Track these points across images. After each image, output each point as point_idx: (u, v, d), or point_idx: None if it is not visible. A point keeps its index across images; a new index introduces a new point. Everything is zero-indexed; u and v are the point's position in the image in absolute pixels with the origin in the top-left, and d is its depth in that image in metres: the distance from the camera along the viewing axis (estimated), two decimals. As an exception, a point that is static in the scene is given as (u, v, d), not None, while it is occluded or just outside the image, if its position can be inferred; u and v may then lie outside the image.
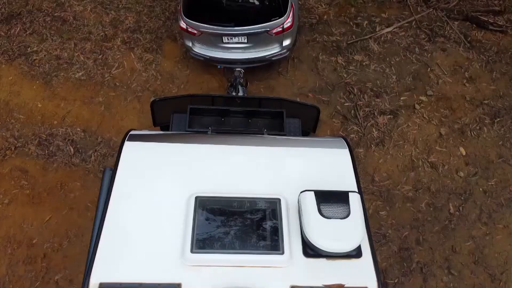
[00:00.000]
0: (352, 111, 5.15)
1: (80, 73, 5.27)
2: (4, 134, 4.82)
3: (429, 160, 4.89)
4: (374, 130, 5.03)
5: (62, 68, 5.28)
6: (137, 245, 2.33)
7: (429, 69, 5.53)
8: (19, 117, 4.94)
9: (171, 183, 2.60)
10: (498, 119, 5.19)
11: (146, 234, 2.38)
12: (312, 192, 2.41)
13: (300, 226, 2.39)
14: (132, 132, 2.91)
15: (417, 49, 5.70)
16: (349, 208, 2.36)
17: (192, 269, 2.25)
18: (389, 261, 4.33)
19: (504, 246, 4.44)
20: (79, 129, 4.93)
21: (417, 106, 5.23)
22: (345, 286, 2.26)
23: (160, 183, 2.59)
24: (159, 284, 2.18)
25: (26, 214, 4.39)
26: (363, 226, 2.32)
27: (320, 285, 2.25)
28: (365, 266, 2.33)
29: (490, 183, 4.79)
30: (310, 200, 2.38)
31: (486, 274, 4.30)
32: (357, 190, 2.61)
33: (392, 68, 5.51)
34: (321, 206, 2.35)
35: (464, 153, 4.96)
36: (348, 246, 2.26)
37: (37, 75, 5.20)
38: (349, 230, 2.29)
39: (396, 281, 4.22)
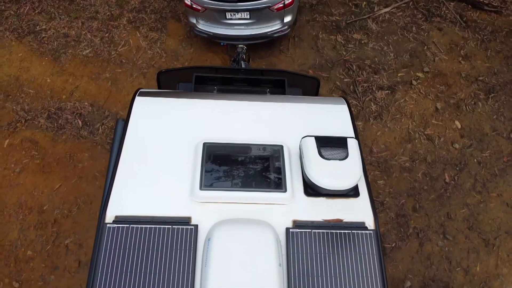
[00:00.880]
0: (351, 87, 5.27)
1: (88, 51, 5.39)
2: (14, 107, 4.94)
3: (426, 132, 5.01)
4: (372, 104, 5.15)
5: (70, 46, 5.40)
6: (149, 184, 2.45)
7: (425, 47, 5.65)
8: (29, 92, 5.05)
9: (180, 132, 2.72)
10: (493, 95, 5.31)
11: (158, 174, 2.49)
12: (313, 137, 2.53)
13: (302, 168, 2.52)
14: (141, 90, 3.03)
15: (414, 28, 5.82)
16: (347, 151, 2.48)
17: (201, 205, 2.37)
18: (387, 227, 4.45)
19: (497, 213, 4.56)
20: (86, 104, 5.05)
21: (414, 82, 5.35)
22: (344, 221, 2.38)
23: (169, 132, 2.71)
24: (170, 217, 2.31)
25: (36, 182, 4.51)
26: (360, 167, 2.44)
27: (320, 220, 2.37)
28: (362, 204, 2.45)
29: (484, 155, 4.91)
30: (311, 144, 2.50)
31: (480, 239, 4.42)
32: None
33: (390, 46, 5.63)
34: (321, 149, 2.47)
35: (459, 126, 5.08)
36: (346, 184, 2.37)
37: (46, 52, 5.32)
38: (347, 170, 2.41)
39: (393, 245, 4.35)
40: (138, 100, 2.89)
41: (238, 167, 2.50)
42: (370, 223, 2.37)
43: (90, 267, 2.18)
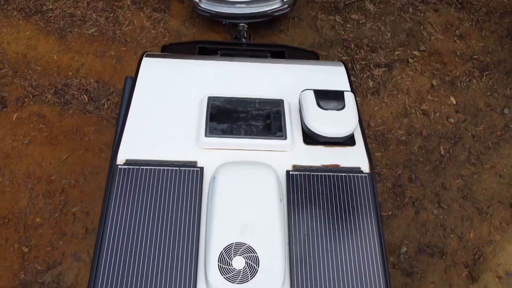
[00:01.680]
0: (349, 64, 5.39)
1: (93, 30, 5.51)
2: (22, 83, 5.06)
3: (421, 108, 5.13)
4: (370, 81, 5.28)
5: (76, 25, 5.52)
6: (158, 132, 2.58)
7: (422, 27, 5.77)
8: (36, 68, 5.17)
9: (186, 88, 2.84)
10: (487, 72, 5.43)
11: (166, 124, 2.62)
12: (312, 90, 2.66)
13: (301, 119, 2.64)
14: (148, 52, 3.15)
15: (410, 9, 5.93)
16: (344, 102, 2.61)
17: (206, 151, 2.50)
18: (384, 196, 4.57)
19: (490, 183, 4.68)
20: (92, 80, 5.17)
21: (410, 60, 5.47)
22: (341, 166, 2.51)
23: (176, 88, 2.83)
24: (178, 161, 2.43)
25: (44, 154, 4.63)
26: (356, 117, 2.56)
27: (318, 165, 2.50)
28: (358, 152, 2.58)
29: (478, 129, 5.03)
30: (310, 96, 2.63)
31: (474, 208, 4.55)
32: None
33: (387, 26, 5.75)
34: (319, 101, 2.60)
35: (454, 102, 5.21)
36: (343, 132, 2.50)
37: (53, 30, 5.44)
38: (344, 119, 2.53)
39: (390, 213, 4.47)
40: (146, 60, 3.01)
41: (241, 118, 2.62)
42: (365, 168, 2.50)
43: (102, 207, 2.31)
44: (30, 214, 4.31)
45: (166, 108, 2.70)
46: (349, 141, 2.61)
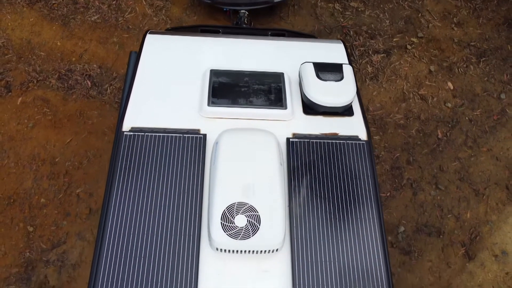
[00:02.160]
0: (348, 50, 5.45)
1: (96, 17, 5.57)
2: (27, 68, 5.12)
3: (419, 92, 5.20)
4: (368, 66, 5.34)
5: (79, 12, 5.58)
6: (162, 102, 2.64)
7: (420, 14, 5.83)
8: (40, 54, 5.23)
9: (189, 62, 2.90)
10: (484, 59, 5.50)
11: (169, 95, 2.68)
12: (311, 63, 2.73)
13: (301, 91, 2.71)
14: (151, 30, 3.21)
15: (409, -3, 6.02)
16: (342, 74, 2.67)
17: (209, 120, 2.56)
18: (382, 178, 4.64)
19: (487, 166, 4.75)
20: (95, 66, 5.23)
21: (408, 47, 5.53)
22: (339, 134, 2.57)
23: (179, 62, 2.90)
24: (181, 129, 2.50)
25: (48, 137, 4.70)
26: (354, 87, 2.63)
27: (318, 133, 2.56)
28: (356, 122, 2.64)
29: (475, 113, 5.10)
30: (309, 68, 2.69)
31: (471, 189, 4.61)
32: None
33: (386, 13, 5.81)
34: (318, 73, 2.66)
35: (451, 87, 5.27)
36: (341, 101, 2.56)
37: (56, 17, 5.50)
38: (342, 89, 2.60)
39: (388, 194, 4.54)
40: (149, 36, 3.08)
41: (242, 89, 2.69)
42: (363, 136, 2.56)
43: (108, 173, 2.37)
44: (34, 195, 4.38)
45: (170, 80, 2.76)
46: (347, 111, 2.68)
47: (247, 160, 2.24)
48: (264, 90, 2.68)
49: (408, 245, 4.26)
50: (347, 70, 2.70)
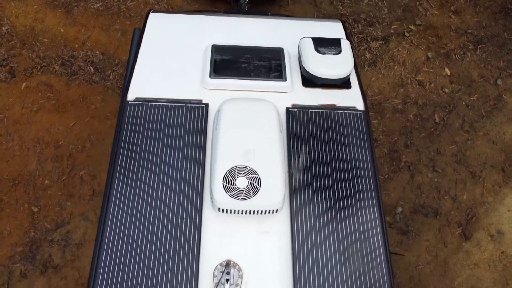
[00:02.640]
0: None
1: (98, 4, 5.63)
2: (30, 55, 5.18)
3: (417, 78, 5.26)
4: (367, 53, 5.40)
5: (82, 0, 5.65)
6: (165, 73, 2.70)
7: (417, 2, 5.89)
8: (44, 41, 5.30)
9: (191, 39, 2.97)
10: (481, 46, 5.56)
11: (172, 68, 2.75)
12: (310, 38, 2.79)
13: (300, 65, 2.78)
14: (154, 10, 3.28)
15: (407, -14, 6.08)
16: (340, 48, 2.74)
17: (211, 91, 2.63)
18: (380, 161, 4.70)
19: (484, 149, 4.81)
20: (98, 52, 5.29)
21: (406, 34, 5.59)
22: (337, 105, 2.64)
23: (182, 38, 2.96)
24: (184, 99, 2.56)
25: (52, 120, 4.76)
26: (352, 60, 2.69)
27: (316, 104, 2.63)
28: (354, 94, 2.70)
29: (472, 98, 5.16)
30: (308, 43, 2.76)
31: (467, 171, 4.68)
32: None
33: (384, 1, 5.87)
34: (317, 47, 2.73)
35: (449, 73, 5.33)
36: (339, 73, 2.63)
37: (59, 5, 5.56)
38: (340, 62, 2.66)
39: (386, 176, 4.60)
40: (152, 15, 3.14)
41: (243, 63, 2.75)
42: (360, 107, 2.63)
43: (113, 142, 2.44)
44: (39, 177, 4.44)
45: (173, 55, 2.82)
46: (344, 84, 2.74)
47: (248, 127, 2.31)
48: (264, 63, 2.74)
49: (406, 225, 4.33)
50: (345, 45, 2.77)
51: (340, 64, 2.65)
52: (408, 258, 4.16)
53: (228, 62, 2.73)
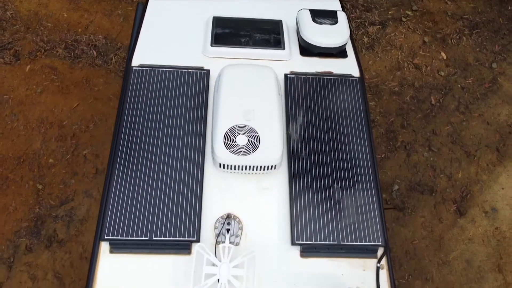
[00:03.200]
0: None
1: (101, -10, 5.72)
2: (34, 39, 5.26)
3: (414, 62, 5.34)
4: (364, 37, 5.48)
5: (85, -14, 5.74)
6: (168, 43, 2.78)
7: (414, -11, 5.98)
8: (47, 25, 5.37)
9: (193, 9, 3.04)
10: (476, 31, 5.63)
11: (175, 36, 2.82)
12: (308, 9, 2.87)
13: (298, 35, 2.86)
14: None
15: (404, -27, 6.15)
16: (337, 19, 2.82)
17: (212, 59, 2.71)
18: (377, 141, 4.78)
19: (478, 130, 4.89)
20: (100, 36, 5.37)
21: (403, 19, 5.67)
22: (334, 72, 2.71)
23: (184, 9, 3.04)
24: (186, 66, 2.64)
25: (56, 101, 4.84)
26: (348, 30, 2.77)
27: (313, 71, 2.71)
28: (350, 62, 2.78)
29: (467, 81, 5.24)
30: (306, 14, 2.83)
31: (462, 151, 4.75)
32: None
33: (381, -12, 5.96)
34: (314, 17, 2.81)
35: (445, 57, 5.41)
36: (336, 41, 2.70)
37: (62, -10, 5.66)
38: (336, 32, 2.74)
39: (383, 155, 4.68)
40: None
41: (243, 33, 2.83)
42: (356, 74, 2.71)
43: (119, 105, 2.51)
44: (43, 155, 4.52)
45: (175, 25, 2.90)
46: (341, 53, 2.82)
47: (248, 89, 2.38)
48: (264, 33, 2.82)
49: (402, 202, 4.40)
50: (341, 16, 2.85)
51: (336, 34, 2.72)
52: (404, 233, 4.24)
53: (229, 32, 2.81)
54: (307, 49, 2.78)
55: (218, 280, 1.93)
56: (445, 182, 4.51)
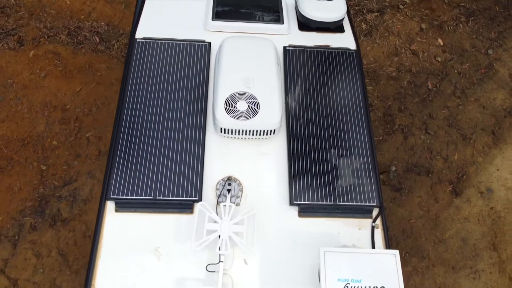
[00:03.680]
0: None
1: (103, -22, 5.79)
2: (38, 25, 5.32)
3: (411, 48, 5.41)
4: (363, 24, 5.55)
5: (87, -26, 5.80)
6: (170, 17, 2.85)
7: (412, -23, 6.04)
8: (51, 12, 5.44)
9: None
10: (473, 18, 5.70)
11: (177, 12, 2.89)
12: None
13: (296, 11, 2.93)
14: None
15: (402, -38, 6.21)
16: None
17: (213, 33, 2.78)
18: (375, 124, 4.85)
19: (474, 114, 4.96)
20: (103, 23, 5.43)
21: (401, 6, 5.73)
22: (331, 46, 2.78)
23: None
24: (189, 39, 2.71)
25: (59, 86, 4.90)
26: (345, 6, 2.85)
27: (311, 44, 2.78)
28: (347, 37, 2.85)
29: (464, 67, 5.30)
30: None
31: (458, 134, 4.82)
32: None
33: (379, -24, 6.02)
34: None
35: (442, 43, 5.48)
36: (333, 16, 2.77)
37: (65, -22, 5.72)
38: (334, 7, 2.81)
39: (380, 138, 4.75)
40: None
41: (244, 8, 2.90)
42: (353, 48, 2.78)
43: (123, 74, 2.58)
44: (47, 138, 4.59)
45: (178, 0, 2.97)
46: (338, 28, 2.89)
47: (248, 59, 2.45)
48: (263, 9, 2.89)
49: (399, 183, 4.47)
50: None
51: (334, 8, 2.79)
52: (401, 212, 4.31)
53: (229, 7, 2.87)
54: (305, 24, 2.85)
55: (219, 236, 2.00)
56: (441, 163, 4.58)
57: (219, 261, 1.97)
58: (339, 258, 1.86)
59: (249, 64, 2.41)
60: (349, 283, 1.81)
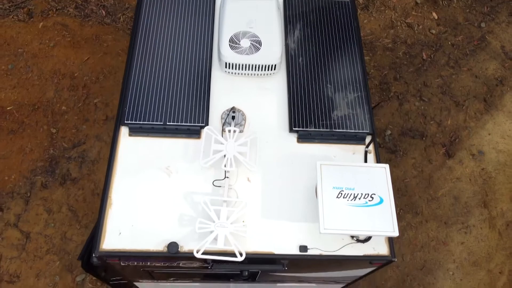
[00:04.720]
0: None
1: (109, -45, 5.93)
2: (46, -2, 5.48)
3: (406, 21, 5.55)
4: (360, -2, 5.70)
5: (93, -49, 5.94)
6: None
7: (408, -45, 6.19)
8: (59, -14, 5.60)
9: None
10: (466, -7, 5.86)
11: None
12: None
13: None
14: None
15: None
16: None
17: None
18: (372, 91, 5.00)
19: (467, 82, 5.11)
20: (109, -3, 5.59)
21: (397, -18, 5.89)
22: (329, -4, 2.93)
23: None
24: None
25: (68, 55, 5.05)
26: None
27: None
28: None
29: (457, 39, 5.45)
30: None
31: (452, 101, 4.98)
32: None
33: (376, -46, 6.17)
34: None
35: (436, 17, 5.62)
36: None
37: (72, -45, 5.86)
38: None
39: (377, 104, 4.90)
40: None
41: None
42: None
43: (134, 16, 2.73)
44: (56, 103, 4.74)
45: None
46: None
47: (250, 2, 2.61)
48: None
49: (394, 145, 4.63)
50: None
51: None
52: (396, 173, 4.46)
53: None
54: None
55: (225, 155, 2.15)
56: (435, 128, 4.73)
57: (225, 176, 2.13)
58: (334, 170, 2.01)
59: (251, 7, 2.56)
60: (343, 190, 1.97)
